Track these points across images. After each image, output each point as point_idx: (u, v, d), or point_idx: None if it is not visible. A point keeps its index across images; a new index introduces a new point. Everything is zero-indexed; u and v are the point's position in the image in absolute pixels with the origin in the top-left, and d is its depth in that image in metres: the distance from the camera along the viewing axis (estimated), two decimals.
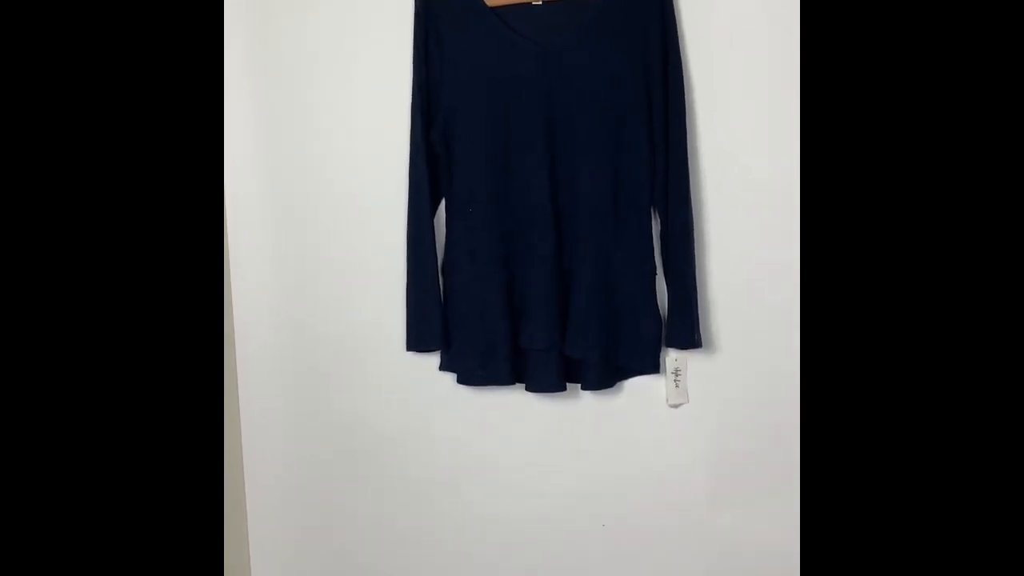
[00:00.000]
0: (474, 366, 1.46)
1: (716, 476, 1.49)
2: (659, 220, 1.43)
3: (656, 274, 1.44)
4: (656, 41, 1.39)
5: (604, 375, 1.44)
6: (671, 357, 1.46)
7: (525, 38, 1.40)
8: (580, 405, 1.49)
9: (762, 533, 1.48)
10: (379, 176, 1.48)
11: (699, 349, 1.44)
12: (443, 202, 1.46)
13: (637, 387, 1.48)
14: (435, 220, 1.46)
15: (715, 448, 1.48)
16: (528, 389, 1.45)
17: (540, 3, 1.40)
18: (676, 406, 1.48)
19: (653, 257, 1.43)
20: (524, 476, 1.52)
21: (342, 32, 1.45)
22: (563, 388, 1.44)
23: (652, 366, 1.44)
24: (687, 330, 1.42)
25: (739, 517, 1.49)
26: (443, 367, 1.48)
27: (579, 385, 1.45)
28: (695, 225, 1.42)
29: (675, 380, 1.47)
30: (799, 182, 1.25)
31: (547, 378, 1.44)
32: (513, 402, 1.49)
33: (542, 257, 1.42)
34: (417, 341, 1.48)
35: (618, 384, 1.48)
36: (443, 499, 1.54)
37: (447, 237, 1.46)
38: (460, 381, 1.47)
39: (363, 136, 1.48)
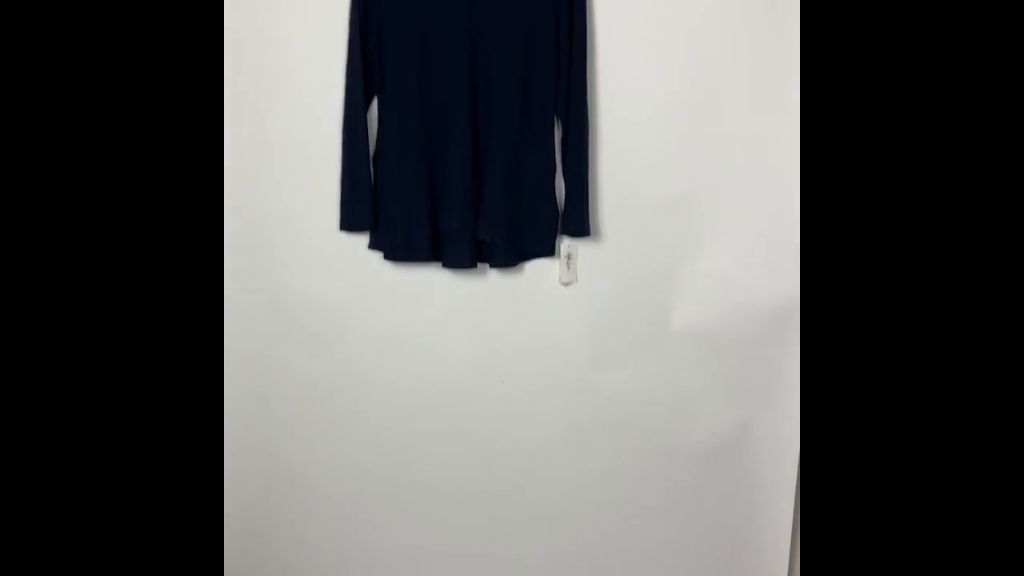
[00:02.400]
0: (399, 244, 1.69)
1: (597, 341, 1.76)
2: (560, 127, 1.68)
3: (556, 172, 1.69)
4: None
5: (508, 256, 1.71)
6: (565, 243, 1.72)
7: None
8: (487, 281, 1.75)
9: (633, 387, 1.78)
10: (319, 75, 1.66)
11: (588, 237, 1.71)
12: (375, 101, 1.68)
13: (535, 268, 1.74)
14: (368, 115, 1.67)
15: (597, 319, 1.75)
16: (444, 265, 1.70)
17: None
18: (567, 284, 1.75)
19: (554, 157, 1.68)
20: (438, 341, 1.77)
21: None
22: (474, 265, 1.70)
23: (548, 250, 1.71)
24: (579, 220, 1.68)
25: (615, 374, 1.77)
26: (372, 245, 1.71)
27: (487, 264, 1.72)
28: (590, 133, 1.68)
29: (567, 263, 1.74)
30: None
31: (461, 256, 1.69)
32: (431, 277, 1.74)
33: (460, 152, 1.65)
34: (349, 222, 1.70)
35: (520, 264, 1.74)
36: (369, 359, 1.78)
37: (378, 132, 1.67)
38: (386, 257, 1.71)
39: (306, 38, 1.65)
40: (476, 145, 1.66)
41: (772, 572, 1.84)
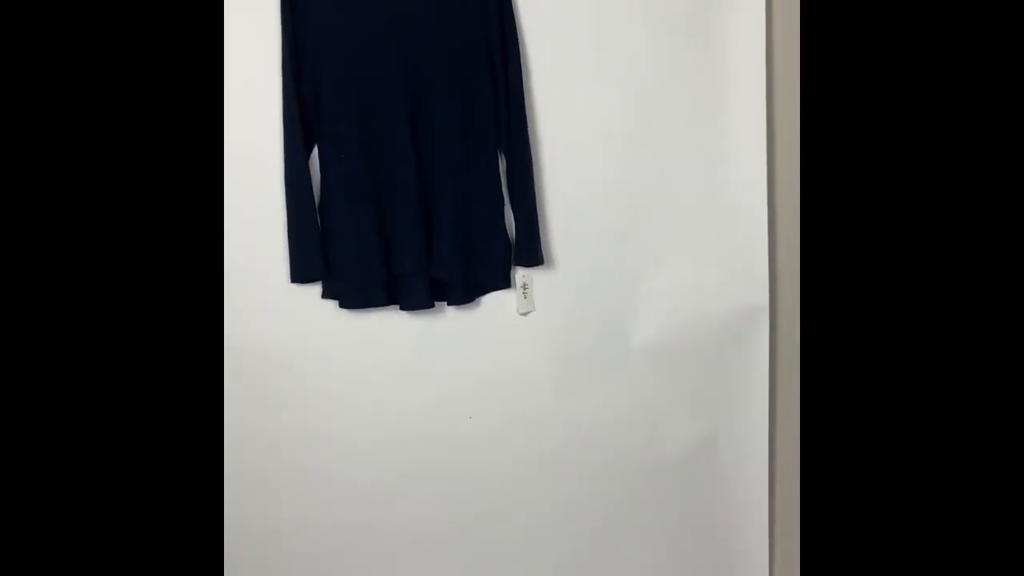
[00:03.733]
0: (353, 291, 1.67)
1: (561, 368, 1.77)
2: (504, 161, 1.69)
3: (504, 204, 1.70)
4: (495, 15, 1.63)
5: (465, 292, 1.70)
6: (519, 273, 1.72)
7: (378, 3, 1.60)
8: (446, 319, 1.74)
9: (600, 410, 1.79)
10: (255, 127, 1.63)
11: (542, 266, 1.72)
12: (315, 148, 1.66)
13: (493, 301, 1.73)
14: (310, 162, 1.64)
15: (558, 346, 1.76)
16: (402, 308, 1.69)
17: None
18: (525, 314, 1.75)
19: (501, 190, 1.69)
20: (402, 384, 1.74)
21: None
22: (432, 305, 1.69)
23: (504, 282, 1.71)
24: (531, 250, 1.68)
25: (581, 399, 1.78)
26: (325, 295, 1.68)
27: (445, 302, 1.71)
28: (533, 162, 1.69)
29: (524, 292, 1.75)
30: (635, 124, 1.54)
31: (417, 297, 1.67)
32: (389, 321, 1.72)
33: (406, 194, 1.64)
34: (300, 274, 1.66)
35: (477, 299, 1.74)
36: (331, 410, 1.74)
37: (321, 178, 1.65)
38: (341, 306, 1.68)
39: (238, 85, 1.62)
40: (422, 185, 1.66)
41: None
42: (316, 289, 1.69)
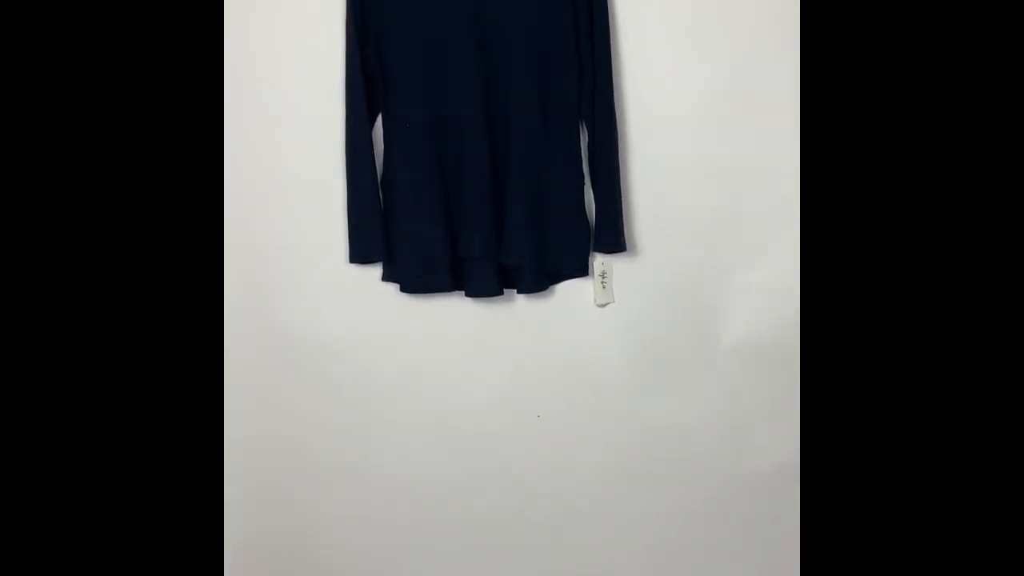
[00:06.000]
0: (415, 275, 1.54)
1: (638, 367, 1.61)
2: (587, 133, 1.52)
3: (584, 183, 1.53)
4: None
5: (537, 279, 1.55)
6: (598, 261, 1.57)
7: None
8: (515, 308, 1.60)
9: (682, 415, 1.63)
10: (316, 94, 1.50)
11: (624, 253, 1.56)
12: (380, 117, 1.52)
13: (567, 289, 1.59)
14: (373, 135, 1.51)
15: (637, 342, 1.61)
16: (467, 295, 1.55)
17: None
18: (603, 305, 1.60)
19: (581, 168, 1.53)
20: (465, 376, 1.61)
21: None
22: (500, 293, 1.54)
23: (581, 270, 1.56)
24: (613, 235, 1.52)
25: (662, 401, 1.62)
26: (385, 277, 1.55)
27: (514, 290, 1.56)
28: (620, 138, 1.52)
29: (602, 282, 1.59)
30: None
31: (485, 284, 1.53)
32: (453, 307, 1.58)
33: (477, 169, 1.49)
34: (359, 254, 1.54)
35: (550, 287, 1.58)
36: (389, 401, 1.62)
37: (384, 151, 1.52)
38: (403, 290, 1.55)
39: (299, 54, 1.50)
40: (494, 160, 1.50)
41: None
42: (377, 271, 1.55)
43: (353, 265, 1.55)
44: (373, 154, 1.50)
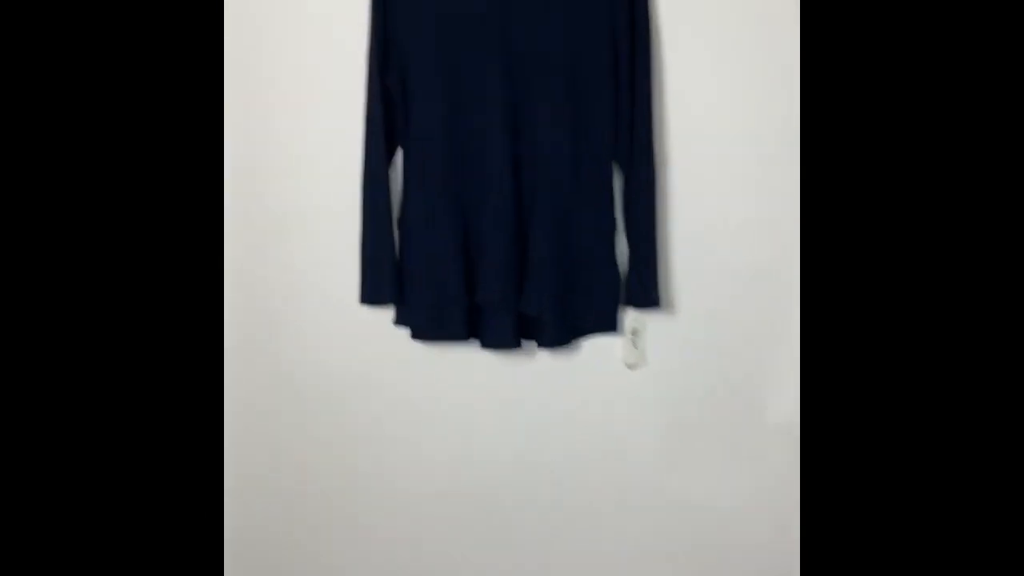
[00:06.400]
0: (428, 321, 1.42)
1: (673, 438, 1.45)
2: (621, 174, 1.38)
3: (616, 230, 1.39)
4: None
5: (560, 333, 1.40)
6: (630, 316, 1.42)
7: None
8: (536, 363, 1.45)
9: (719, 495, 1.45)
10: (334, 125, 1.42)
11: (658, 309, 1.40)
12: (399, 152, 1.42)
13: (594, 347, 1.44)
14: (392, 170, 1.41)
15: (670, 411, 1.44)
16: (483, 346, 1.42)
17: None
18: (633, 367, 1.44)
19: (613, 212, 1.38)
20: (479, 435, 1.48)
21: None
22: (518, 345, 1.41)
23: (610, 325, 1.41)
24: (646, 289, 1.37)
25: (696, 478, 1.45)
26: (398, 321, 1.44)
27: (535, 343, 1.42)
28: (658, 180, 1.37)
29: (633, 340, 1.43)
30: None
31: (502, 335, 1.40)
32: (468, 358, 1.45)
33: (499, 209, 1.37)
34: (370, 294, 1.43)
35: (575, 343, 1.44)
36: (394, 455, 1.50)
37: (403, 187, 1.41)
38: (414, 336, 1.43)
39: (317, 80, 1.42)
40: (519, 201, 1.38)
41: None
42: (389, 313, 1.44)
43: (365, 306, 1.44)
44: (389, 190, 1.40)
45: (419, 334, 1.43)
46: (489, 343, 1.41)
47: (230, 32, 1.41)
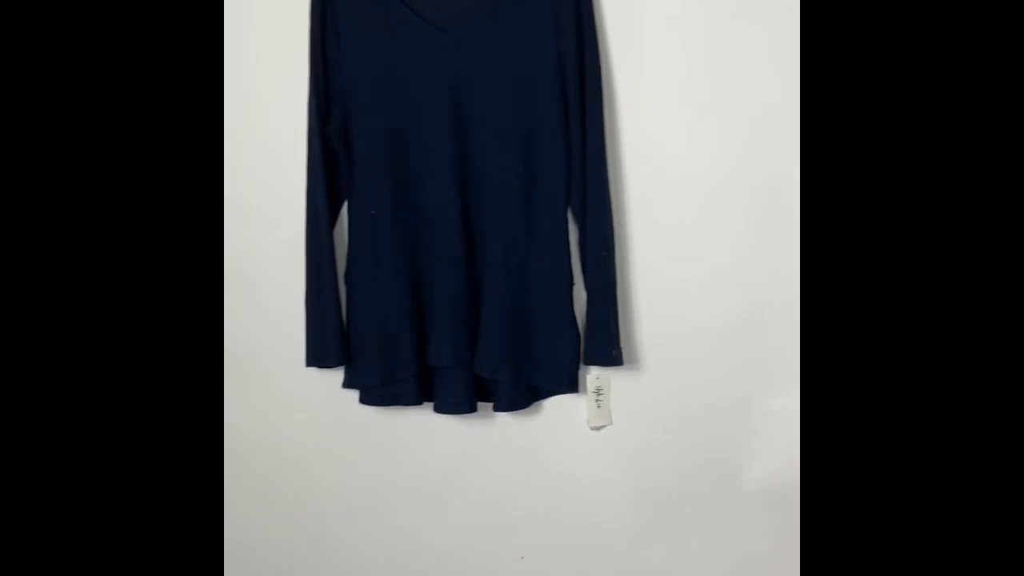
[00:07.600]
0: (378, 384, 1.33)
1: (643, 505, 1.35)
2: (577, 225, 1.30)
3: (573, 284, 1.30)
4: (570, 26, 1.25)
5: (517, 395, 1.31)
6: (592, 375, 1.33)
7: (428, 23, 1.26)
8: (496, 426, 1.36)
9: (693, 567, 1.35)
10: (275, 178, 1.34)
11: (621, 366, 1.30)
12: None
13: (556, 407, 1.35)
14: (338, 224, 1.33)
15: (641, 475, 1.35)
16: (436, 410, 1.33)
17: None
18: (598, 429, 1.34)
19: (570, 266, 1.30)
20: (434, 505, 1.39)
21: (233, 22, 1.32)
22: (473, 409, 1.31)
23: (570, 385, 1.31)
24: (607, 346, 1.28)
25: (668, 550, 1.36)
26: (346, 384, 1.35)
27: (491, 405, 1.33)
28: (616, 231, 1.28)
29: (596, 400, 1.33)
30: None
31: (456, 398, 1.31)
32: (424, 422, 1.36)
33: (450, 266, 1.29)
34: (316, 356, 1.35)
35: (535, 404, 1.35)
36: (345, 527, 1.41)
37: (349, 242, 1.33)
38: (362, 401, 1.35)
39: (256, 135, 1.35)
40: (470, 255, 1.29)
41: None
42: (338, 375, 1.35)
43: (312, 369, 1.36)
44: (333, 245, 1.32)
45: (367, 399, 1.34)
46: (442, 407, 1.32)
47: None
